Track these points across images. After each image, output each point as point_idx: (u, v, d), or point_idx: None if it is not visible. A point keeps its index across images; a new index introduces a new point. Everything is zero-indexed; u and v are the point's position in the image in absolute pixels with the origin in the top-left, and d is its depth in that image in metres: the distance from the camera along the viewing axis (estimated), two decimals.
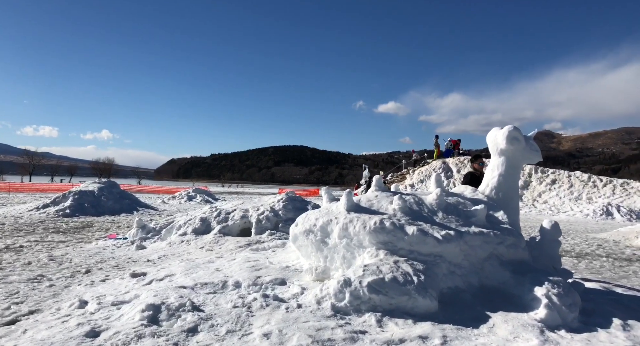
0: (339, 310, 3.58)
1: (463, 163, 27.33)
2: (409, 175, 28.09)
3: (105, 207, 13.80)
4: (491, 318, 3.52)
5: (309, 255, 4.76)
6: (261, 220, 8.51)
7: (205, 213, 8.74)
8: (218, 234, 8.07)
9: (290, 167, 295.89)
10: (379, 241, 4.27)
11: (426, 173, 27.26)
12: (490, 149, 5.46)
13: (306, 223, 4.80)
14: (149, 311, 3.46)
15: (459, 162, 27.49)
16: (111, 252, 7.19)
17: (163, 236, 8.19)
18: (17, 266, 5.78)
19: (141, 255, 7.01)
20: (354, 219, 4.47)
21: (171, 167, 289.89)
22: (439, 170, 27.03)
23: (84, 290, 4.60)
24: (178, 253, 7.01)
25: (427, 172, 27.36)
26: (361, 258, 4.30)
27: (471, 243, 4.30)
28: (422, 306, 3.61)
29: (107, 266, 6.01)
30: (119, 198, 14.89)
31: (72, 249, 7.38)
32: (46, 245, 7.69)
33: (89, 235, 9.22)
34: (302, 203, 9.67)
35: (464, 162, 27.43)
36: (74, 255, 6.73)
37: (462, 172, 26.45)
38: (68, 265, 5.97)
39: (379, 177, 5.30)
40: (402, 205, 4.59)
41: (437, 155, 29.64)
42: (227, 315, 3.49)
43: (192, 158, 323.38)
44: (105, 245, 7.81)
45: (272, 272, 4.56)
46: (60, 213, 12.50)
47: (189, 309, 3.55)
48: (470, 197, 5.22)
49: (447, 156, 28.72)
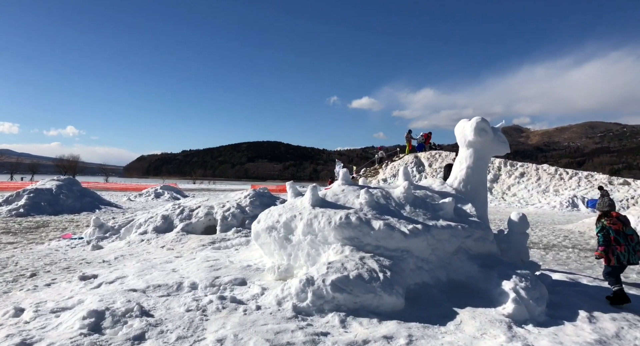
0: (301, 311, 3.37)
1: (434, 157, 27.65)
2: (382, 169, 28.20)
3: (64, 206, 13.08)
4: (459, 315, 3.39)
5: (272, 253, 4.52)
6: (227, 217, 8.19)
7: (167, 210, 8.34)
8: (181, 232, 7.70)
9: (264, 163, 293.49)
10: (345, 237, 4.08)
11: (398, 167, 27.41)
12: (459, 141, 5.36)
13: (269, 219, 4.55)
14: (90, 318, 3.14)
15: (430, 156, 27.78)
16: (64, 253, 6.72)
17: (122, 235, 7.75)
18: None
19: (97, 255, 6.58)
20: (318, 214, 4.26)
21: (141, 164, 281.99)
22: (412, 164, 27.25)
23: (24, 296, 4.20)
24: (137, 253, 6.62)
25: (399, 167, 27.53)
26: (326, 255, 4.10)
27: (439, 237, 4.17)
28: (388, 304, 3.45)
29: (57, 268, 5.58)
30: (80, 196, 14.16)
31: (20, 251, 6.85)
32: None
33: (42, 236, 8.64)
34: (271, 199, 9.39)
35: (435, 156, 27.75)
36: (21, 258, 6.23)
37: (434, 165, 26.78)
38: (12, 269, 5.51)
39: (346, 171, 5.10)
40: (368, 199, 4.41)
41: (409, 149, 29.86)
42: (178, 320, 3.22)
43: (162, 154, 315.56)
44: (58, 245, 7.31)
45: (232, 272, 4.29)
46: (14, 212, 11.73)
47: (136, 314, 3.25)
48: (438, 190, 5.11)
49: (420, 150, 28.97)
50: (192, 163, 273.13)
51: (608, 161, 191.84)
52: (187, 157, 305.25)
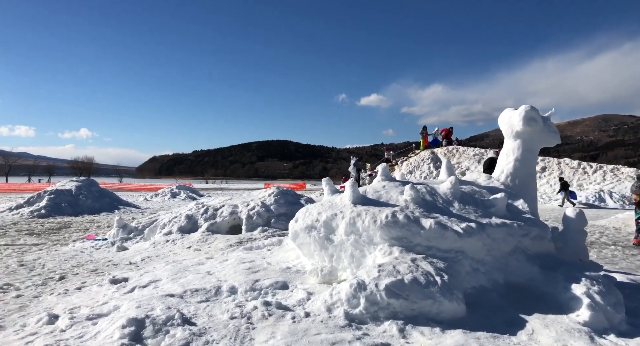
0: (354, 319, 3.10)
1: (452, 152, 27.15)
2: (397, 166, 27.78)
3: (83, 206, 13.02)
4: (528, 322, 3.09)
5: (311, 254, 4.26)
6: (252, 216, 7.97)
7: (191, 210, 8.15)
8: (206, 232, 7.51)
9: (274, 162, 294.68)
10: (392, 237, 3.79)
11: (415, 164, 26.98)
12: (504, 132, 5.03)
13: (307, 218, 4.29)
14: (130, 327, 2.92)
15: (447, 151, 27.28)
16: (89, 255, 6.56)
17: (146, 236, 7.58)
18: None
19: (122, 257, 6.41)
20: (362, 213, 3.98)
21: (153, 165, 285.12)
22: (428, 160, 26.79)
23: (56, 301, 4.02)
24: (163, 254, 6.43)
25: (416, 163, 27.09)
26: (372, 256, 3.82)
27: (494, 236, 3.86)
28: (448, 310, 3.16)
29: (84, 271, 5.41)
30: (99, 196, 14.10)
31: (46, 253, 6.72)
32: (17, 249, 7.01)
33: (65, 237, 8.53)
34: (295, 197, 9.15)
35: (452, 151, 27.24)
36: (48, 260, 6.09)
37: (452, 161, 26.27)
38: (40, 271, 5.35)
39: (385, 166, 4.82)
40: (414, 196, 4.12)
41: (424, 145, 29.37)
42: (223, 329, 2.98)
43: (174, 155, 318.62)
44: (82, 247, 7.16)
45: (271, 274, 4.04)
46: (35, 213, 11.70)
47: (178, 323, 3.02)
48: (485, 185, 4.79)
49: (435, 145, 28.47)
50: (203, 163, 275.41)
51: (623, 154, 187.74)
52: (199, 157, 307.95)
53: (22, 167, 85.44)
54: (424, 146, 29.19)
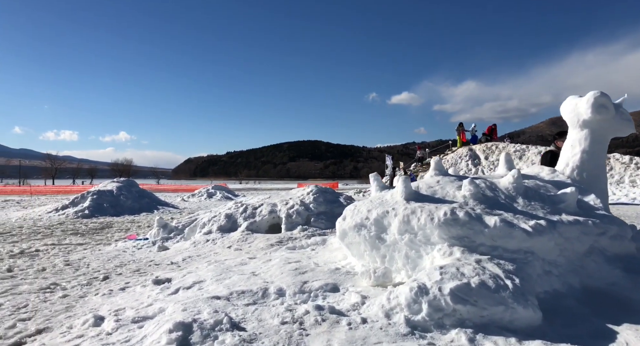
0: (416, 326, 2.81)
1: (491, 149, 26.12)
2: None
3: (124, 207, 13.32)
4: (619, 334, 2.70)
5: (361, 255, 3.99)
6: (291, 215, 7.79)
7: (230, 209, 8.06)
8: (246, 231, 7.39)
9: (305, 162, 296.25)
10: (452, 236, 3.47)
11: (452, 161, 26.15)
12: (569, 121, 4.58)
13: (356, 216, 4.03)
14: (177, 331, 2.75)
15: (486, 148, 26.28)
16: (131, 255, 6.58)
17: (186, 235, 7.55)
18: (29, 273, 5.19)
19: (164, 256, 6.37)
20: (416, 210, 3.68)
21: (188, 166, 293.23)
22: (466, 157, 25.90)
23: (101, 302, 3.95)
24: (204, 254, 6.34)
25: (453, 160, 26.25)
26: (430, 257, 3.51)
27: (567, 235, 3.47)
28: (523, 318, 2.81)
29: (127, 271, 5.37)
30: (138, 197, 14.40)
31: (90, 252, 6.79)
32: (63, 248, 7.14)
33: (108, 237, 8.66)
34: (334, 195, 8.90)
35: (491, 148, 26.21)
36: (92, 259, 6.13)
37: (491, 158, 25.28)
38: (85, 271, 5.36)
39: (438, 160, 4.48)
40: (474, 191, 3.78)
41: (461, 142, 28.44)
42: (275, 335, 2.76)
43: (208, 156, 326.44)
44: (125, 246, 7.21)
45: (320, 276, 3.81)
46: (79, 214, 12.05)
47: (227, 327, 2.83)
48: (549, 179, 4.37)
49: (474, 142, 27.50)
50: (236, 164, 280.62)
51: None
52: (232, 158, 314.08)
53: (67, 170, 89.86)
54: (461, 143, 28.28)
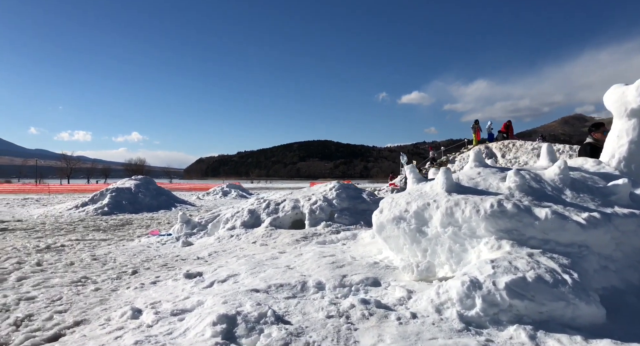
0: (470, 322, 2.67)
1: (507, 147, 25.69)
2: (450, 162, 26.70)
3: (142, 204, 13.36)
4: None
5: (400, 249, 3.86)
6: (315, 211, 7.68)
7: (253, 205, 7.99)
8: (269, 227, 7.30)
9: (315, 162, 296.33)
10: (500, 228, 3.32)
11: (468, 159, 25.80)
12: (615, 111, 4.38)
13: (395, 209, 3.90)
14: (221, 324, 2.66)
15: (503, 146, 25.84)
16: (156, 250, 6.53)
17: (210, 231, 7.49)
18: (59, 267, 5.16)
19: (189, 252, 6.31)
20: (460, 202, 3.53)
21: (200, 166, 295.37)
22: (482, 155, 25.52)
23: (134, 295, 3.88)
24: (229, 249, 6.27)
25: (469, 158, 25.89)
26: (476, 251, 3.37)
27: (623, 228, 3.29)
28: (586, 315, 2.65)
29: (155, 265, 5.32)
30: (156, 194, 14.44)
31: (115, 247, 6.77)
32: (87, 243, 7.13)
33: (129, 233, 8.66)
34: (356, 191, 8.77)
35: (508, 145, 25.78)
36: (118, 254, 6.09)
37: (508, 156, 24.87)
38: (112, 265, 5.32)
39: (479, 150, 4.33)
40: (520, 182, 3.62)
41: (476, 140, 28.03)
42: (322, 329, 2.65)
43: (219, 156, 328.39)
44: (148, 242, 7.17)
45: (358, 270, 3.69)
46: (99, 211, 12.11)
47: (271, 320, 2.73)
48: (595, 171, 4.18)
49: (490, 140, 27.06)
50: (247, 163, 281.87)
51: None
52: (243, 158, 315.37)
53: (81, 170, 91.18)
54: (477, 141, 27.87)
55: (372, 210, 8.49)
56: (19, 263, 5.31)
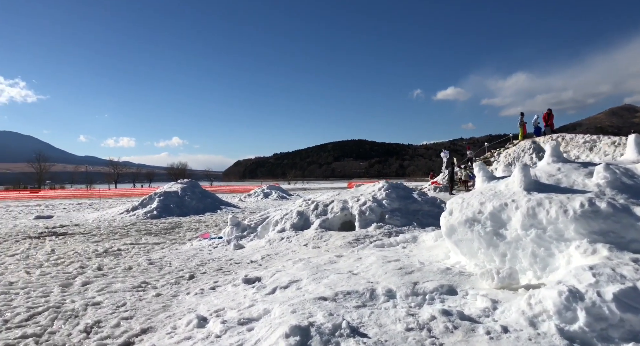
0: (573, 337, 2.36)
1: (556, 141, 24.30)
2: (494, 158, 25.63)
3: (189, 207, 13.62)
4: None
5: (474, 253, 3.57)
6: (364, 212, 7.46)
7: (301, 206, 7.87)
8: (319, 229, 7.15)
9: (350, 162, 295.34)
10: (593, 230, 2.97)
11: (514, 155, 24.63)
12: None
13: (466, 210, 3.61)
14: (294, 336, 2.50)
15: (551, 139, 24.48)
16: (209, 253, 6.54)
17: (259, 233, 7.44)
18: (118, 271, 5.24)
19: (241, 255, 6.27)
20: (544, 201, 3.20)
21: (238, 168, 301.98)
22: (529, 150, 24.29)
23: (196, 301, 3.82)
24: (282, 252, 6.17)
25: (515, 154, 24.71)
26: (564, 255, 3.03)
27: None
28: None
29: (210, 269, 5.29)
30: (202, 197, 14.71)
31: (169, 251, 6.84)
32: (142, 247, 7.26)
33: (180, 236, 8.78)
34: (406, 191, 8.46)
35: (557, 139, 24.38)
36: (172, 258, 6.13)
37: None
38: (169, 270, 5.34)
39: (555, 144, 3.95)
40: (610, 178, 3.24)
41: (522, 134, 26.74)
42: (403, 343, 2.43)
43: (256, 158, 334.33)
44: (200, 245, 7.21)
45: (430, 276, 3.43)
46: (149, 215, 12.44)
47: (347, 333, 2.54)
48: None
49: (538, 134, 25.72)
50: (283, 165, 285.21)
51: None
52: (278, 159, 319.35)
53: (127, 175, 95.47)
54: (523, 135, 26.59)
55: (424, 210, 8.19)
56: (81, 267, 5.44)
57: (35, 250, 6.97)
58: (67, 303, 3.82)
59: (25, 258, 6.25)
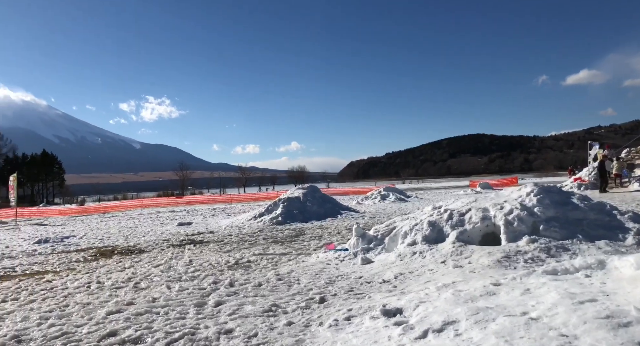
0: None
1: None
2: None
3: (310, 213, 13.67)
4: None
5: None
6: (512, 222, 6.26)
7: (432, 216, 7.00)
8: (457, 243, 6.20)
9: (467, 158, 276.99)
10: None
11: None
12: None
13: None
14: None
15: None
16: (336, 268, 6.12)
17: (387, 246, 6.79)
18: (249, 289, 5.10)
19: (371, 272, 5.70)
20: None
21: (351, 169, 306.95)
22: None
23: (332, 338, 3.32)
24: (416, 271, 5.42)
25: None
26: None
27: None
28: None
29: (341, 290, 4.81)
30: (322, 202, 14.69)
31: (295, 264, 6.63)
32: (270, 259, 7.21)
33: (304, 245, 8.63)
34: (562, 195, 6.96)
35: None
36: (300, 273, 5.86)
37: None
38: (298, 288, 5.02)
39: None
40: None
41: None
42: None
43: (368, 159, 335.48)
44: (326, 258, 6.86)
45: None
46: (274, 221, 12.78)
47: None
48: None
49: None
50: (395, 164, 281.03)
51: None
52: (390, 158, 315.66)
53: (253, 179, 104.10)
54: None
55: (589, 219, 6.59)
56: (214, 283, 5.46)
57: (176, 261, 7.42)
58: (201, 329, 3.67)
59: (168, 269, 6.63)
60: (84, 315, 4.21)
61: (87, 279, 6.10)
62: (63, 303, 4.73)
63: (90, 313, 4.27)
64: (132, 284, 5.62)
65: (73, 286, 5.63)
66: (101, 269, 6.96)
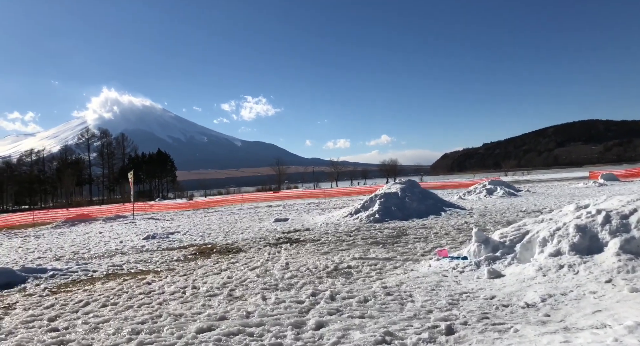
0: None
1: None
2: None
3: (410, 209, 12.52)
4: None
5: None
6: None
7: (580, 218, 5.49)
8: (622, 255, 4.68)
9: (578, 146, 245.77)
10: None
11: None
12: None
13: None
14: None
15: None
16: (456, 282, 5.03)
17: (519, 255, 5.48)
18: (353, 306, 4.30)
19: (505, 290, 4.51)
20: None
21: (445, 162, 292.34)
22: None
23: None
24: (571, 292, 4.11)
25: None
26: None
27: None
28: None
29: (472, 317, 3.75)
30: (422, 198, 13.41)
31: (404, 274, 5.67)
32: (372, 265, 6.35)
33: (409, 248, 7.59)
34: None
35: None
36: (412, 287, 4.89)
37: None
38: (413, 309, 4.08)
39: None
40: None
41: None
42: None
43: (464, 150, 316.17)
44: (441, 267, 5.77)
45: None
46: (371, 218, 11.91)
47: None
48: None
49: None
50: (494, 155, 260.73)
51: None
52: (489, 149, 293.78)
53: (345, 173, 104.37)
54: None
55: None
56: (313, 295, 4.77)
57: (272, 263, 6.95)
58: None
59: (264, 274, 6.14)
60: (174, 331, 3.79)
61: (183, 283, 5.86)
62: (156, 313, 4.41)
63: (181, 329, 3.84)
64: (226, 291, 5.20)
65: (169, 292, 5.39)
66: (198, 271, 6.75)
